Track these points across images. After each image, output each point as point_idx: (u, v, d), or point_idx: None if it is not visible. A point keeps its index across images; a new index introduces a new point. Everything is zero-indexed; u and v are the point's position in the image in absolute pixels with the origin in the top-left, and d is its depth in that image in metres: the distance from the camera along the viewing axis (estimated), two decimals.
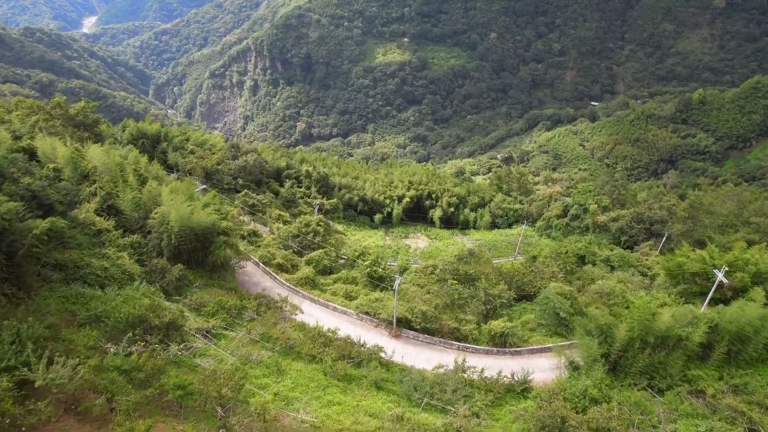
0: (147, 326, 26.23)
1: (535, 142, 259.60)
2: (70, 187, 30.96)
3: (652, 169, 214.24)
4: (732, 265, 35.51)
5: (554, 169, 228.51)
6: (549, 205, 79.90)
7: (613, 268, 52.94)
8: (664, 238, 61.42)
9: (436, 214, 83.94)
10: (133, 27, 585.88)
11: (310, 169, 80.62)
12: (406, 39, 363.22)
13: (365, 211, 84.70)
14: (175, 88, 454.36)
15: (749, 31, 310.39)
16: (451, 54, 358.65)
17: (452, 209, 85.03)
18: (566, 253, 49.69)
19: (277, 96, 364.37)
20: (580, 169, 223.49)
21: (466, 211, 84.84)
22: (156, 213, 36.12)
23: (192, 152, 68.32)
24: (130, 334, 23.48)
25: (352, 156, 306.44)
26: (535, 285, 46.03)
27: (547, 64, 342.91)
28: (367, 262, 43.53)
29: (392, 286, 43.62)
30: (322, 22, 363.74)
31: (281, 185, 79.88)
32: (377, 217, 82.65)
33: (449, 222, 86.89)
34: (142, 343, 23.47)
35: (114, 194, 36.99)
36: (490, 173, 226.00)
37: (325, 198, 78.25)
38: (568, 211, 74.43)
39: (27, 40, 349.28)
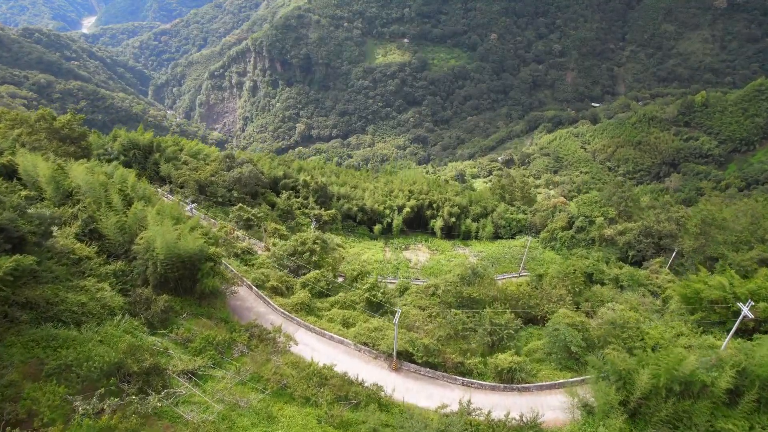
0: (125, 373, 24.05)
1: (536, 144, 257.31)
2: (45, 215, 28.75)
3: (654, 173, 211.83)
4: (755, 295, 33.34)
5: (555, 172, 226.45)
6: (553, 216, 77.62)
7: (622, 287, 50.76)
8: (674, 254, 59.19)
9: (437, 224, 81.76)
10: (132, 27, 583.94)
11: (308, 178, 78.38)
12: (406, 40, 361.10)
13: (364, 221, 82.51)
14: (175, 89, 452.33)
15: (751, 32, 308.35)
16: (451, 55, 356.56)
17: (454, 219, 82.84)
18: (574, 272, 47.47)
19: (277, 97, 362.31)
20: (581, 172, 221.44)
21: (468, 221, 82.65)
22: (141, 238, 33.92)
23: (185, 163, 66.07)
24: (102, 390, 21.21)
25: (351, 157, 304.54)
26: (542, 308, 43.86)
27: (548, 65, 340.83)
28: (366, 287, 41.31)
29: (392, 310, 41.48)
30: (321, 22, 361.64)
31: (278, 195, 77.68)
32: (377, 227, 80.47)
33: (451, 232, 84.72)
34: (116, 399, 21.24)
35: (97, 218, 34.74)
36: (491, 176, 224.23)
37: (323, 209, 76.01)
38: (573, 222, 72.16)
39: (25, 41, 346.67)
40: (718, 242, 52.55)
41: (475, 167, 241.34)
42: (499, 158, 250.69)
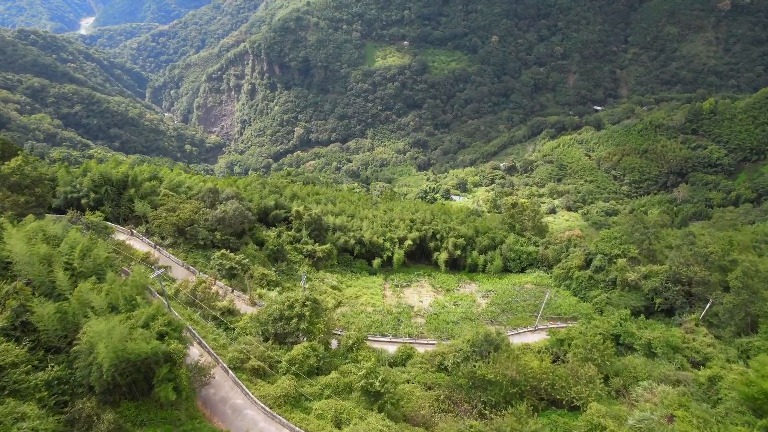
0: None
1: (538, 151, 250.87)
2: None
3: (661, 182, 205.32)
4: None
5: (559, 180, 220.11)
6: (567, 250, 71.16)
7: (654, 354, 44.47)
8: (708, 305, 52.78)
9: (442, 257, 75.31)
10: (130, 28, 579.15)
11: (302, 209, 71.89)
12: (405, 42, 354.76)
13: (363, 254, 75.94)
14: (172, 91, 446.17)
15: (755, 34, 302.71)
16: (452, 57, 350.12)
17: (459, 251, 76.32)
18: (603, 342, 41.10)
19: (275, 100, 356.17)
20: (586, 181, 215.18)
21: (474, 253, 76.14)
22: (84, 333, 27.56)
23: (165, 197, 59.55)
24: None
25: (351, 162, 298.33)
26: (568, 392, 37.51)
27: (549, 68, 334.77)
28: (362, 372, 34.91)
29: (393, 400, 35.04)
30: (320, 25, 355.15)
31: (269, 227, 71.30)
32: (376, 262, 74.02)
33: (455, 264, 78.26)
34: None
35: (30, 307, 28.35)
36: (494, 184, 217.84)
37: (317, 243, 69.62)
38: (591, 260, 65.74)
39: (20, 43, 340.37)
40: (764, 299, 46.26)
41: (476, 175, 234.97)
42: (501, 165, 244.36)
